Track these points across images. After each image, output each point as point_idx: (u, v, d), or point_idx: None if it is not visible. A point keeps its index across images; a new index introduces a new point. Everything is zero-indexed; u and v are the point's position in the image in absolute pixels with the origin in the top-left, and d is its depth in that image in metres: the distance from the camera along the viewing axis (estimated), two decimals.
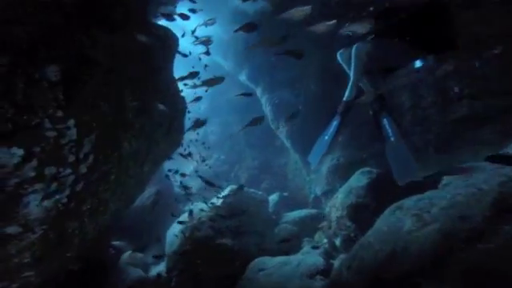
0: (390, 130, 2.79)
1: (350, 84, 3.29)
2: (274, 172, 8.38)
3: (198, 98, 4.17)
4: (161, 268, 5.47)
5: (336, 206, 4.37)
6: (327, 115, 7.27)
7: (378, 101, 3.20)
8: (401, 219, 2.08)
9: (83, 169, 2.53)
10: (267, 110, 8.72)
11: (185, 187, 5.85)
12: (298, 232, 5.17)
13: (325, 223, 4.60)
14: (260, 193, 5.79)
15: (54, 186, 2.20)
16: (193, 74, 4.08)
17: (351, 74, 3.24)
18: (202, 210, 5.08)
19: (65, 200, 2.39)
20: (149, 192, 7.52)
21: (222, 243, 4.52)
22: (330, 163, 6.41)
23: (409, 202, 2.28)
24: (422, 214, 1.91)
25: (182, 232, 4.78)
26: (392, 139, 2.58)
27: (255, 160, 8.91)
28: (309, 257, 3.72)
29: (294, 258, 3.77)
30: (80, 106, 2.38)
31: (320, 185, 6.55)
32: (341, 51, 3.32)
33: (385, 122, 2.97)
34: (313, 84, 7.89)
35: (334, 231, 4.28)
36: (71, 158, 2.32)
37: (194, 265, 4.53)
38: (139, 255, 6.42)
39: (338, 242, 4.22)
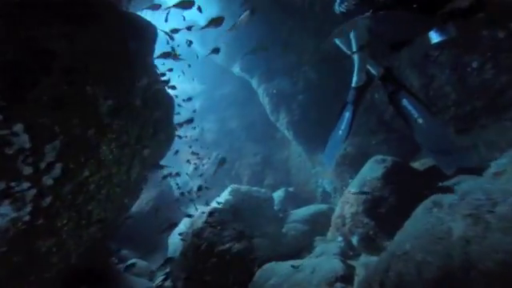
0: (414, 111, 2.27)
1: (355, 68, 2.75)
2: (277, 167, 7.93)
3: (216, 50, 3.71)
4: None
5: (349, 200, 3.93)
6: (329, 102, 6.77)
7: (389, 79, 2.68)
8: (443, 220, 1.63)
9: (48, 181, 2.10)
10: (265, 101, 8.23)
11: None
12: (309, 231, 4.74)
13: (338, 219, 4.17)
14: (263, 190, 5.36)
15: (6, 203, 1.76)
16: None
17: (354, 57, 2.69)
18: (199, 214, 4.66)
19: (27, 218, 1.97)
20: (147, 197, 7.14)
21: (225, 249, 4.11)
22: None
23: (450, 197, 1.81)
24: (481, 215, 1.44)
25: (183, 239, 4.38)
26: (420, 121, 2.08)
27: (257, 155, 8.47)
28: (324, 261, 3.30)
29: (308, 263, 3.36)
30: (33, 107, 1.92)
31: (328, 177, 6.10)
32: (336, 31, 2.73)
33: (405, 102, 2.45)
34: (311, 70, 7.39)
35: (350, 229, 3.85)
36: (27, 170, 1.88)
37: (198, 273, 4.14)
38: (144, 263, 6.08)
39: (354, 240, 3.80)
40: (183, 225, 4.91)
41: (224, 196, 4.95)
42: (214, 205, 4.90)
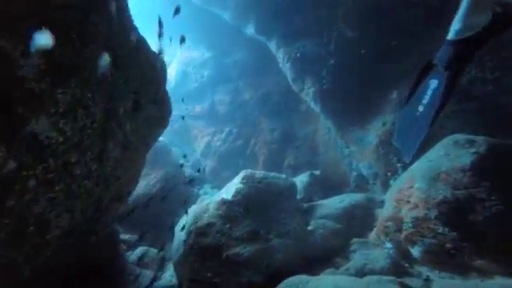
0: None
1: (462, 8, 1.37)
2: (300, 145, 6.77)
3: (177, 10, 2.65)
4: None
5: (412, 200, 2.74)
6: (371, 67, 5.19)
7: None
8: None
9: None
10: (286, 67, 6.77)
11: None
12: (343, 230, 3.72)
13: (389, 223, 3.05)
14: (283, 176, 4.31)
15: None
16: None
17: None
18: (207, 206, 3.77)
19: None
20: (155, 178, 6.51)
21: (235, 253, 3.25)
22: (380, 129, 4.60)
23: None
24: None
25: (185, 238, 3.58)
26: None
27: (274, 131, 7.32)
28: (375, 283, 2.27)
29: (351, 284, 2.36)
30: None
31: (365, 160, 4.86)
32: None
33: None
34: (348, 28, 5.69)
35: (409, 236, 2.74)
36: None
37: (206, 278, 3.40)
38: (153, 251, 5.62)
39: (416, 251, 2.72)
40: (188, 216, 4.11)
41: (234, 184, 3.98)
42: (222, 194, 3.97)
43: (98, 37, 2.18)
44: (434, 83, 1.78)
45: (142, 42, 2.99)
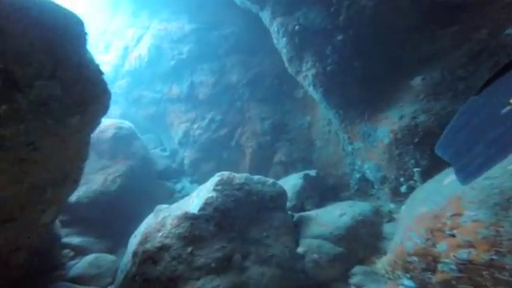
0: None
1: None
2: (294, 137, 5.77)
3: None
4: None
5: (457, 232, 1.82)
6: (393, 47, 4.02)
7: None
8: None
9: None
10: (281, 43, 5.55)
11: None
12: (343, 254, 2.81)
13: (414, 258, 2.14)
14: (270, 181, 3.32)
15: None
16: None
17: None
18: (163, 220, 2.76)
19: None
20: (115, 173, 5.40)
21: None
22: (396, 123, 3.63)
23: None
24: None
25: (130, 261, 2.59)
26: None
27: (265, 120, 6.26)
28: None
29: None
30: None
31: (373, 160, 3.92)
32: None
33: None
34: None
35: (450, 281, 1.85)
36: None
37: None
38: (108, 258, 4.64)
39: None
40: (144, 227, 3.09)
41: (207, 191, 2.96)
42: (189, 205, 2.96)
43: None
44: None
45: None
